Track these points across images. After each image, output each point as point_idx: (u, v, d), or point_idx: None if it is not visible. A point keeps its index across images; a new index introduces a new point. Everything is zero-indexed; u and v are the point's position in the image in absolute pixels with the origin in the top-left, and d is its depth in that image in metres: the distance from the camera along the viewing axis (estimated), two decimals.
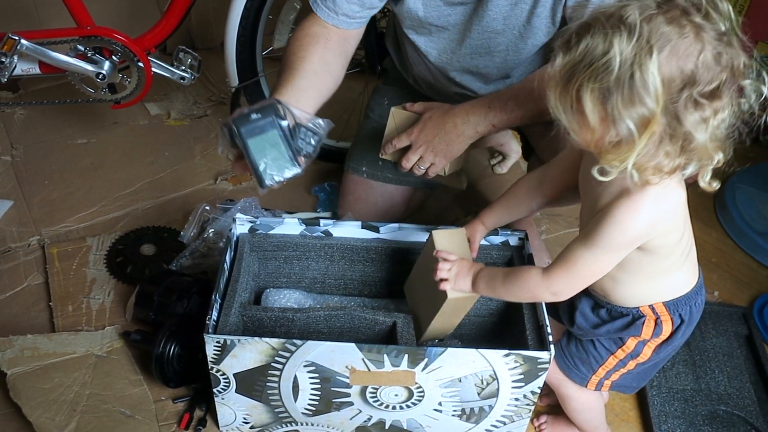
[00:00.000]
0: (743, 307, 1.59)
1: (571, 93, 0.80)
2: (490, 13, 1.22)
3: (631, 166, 0.80)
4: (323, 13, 1.25)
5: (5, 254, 1.64)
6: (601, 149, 0.82)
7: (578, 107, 0.80)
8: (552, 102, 0.83)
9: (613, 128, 0.79)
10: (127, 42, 1.69)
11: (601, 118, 0.79)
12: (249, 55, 1.75)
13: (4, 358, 1.36)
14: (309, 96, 1.17)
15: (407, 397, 1.17)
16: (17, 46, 1.64)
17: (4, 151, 1.96)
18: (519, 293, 1.02)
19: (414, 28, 1.32)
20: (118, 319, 1.49)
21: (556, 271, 0.95)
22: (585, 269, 0.93)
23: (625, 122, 0.77)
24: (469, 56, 1.32)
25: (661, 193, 0.85)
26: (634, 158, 0.79)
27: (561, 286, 0.96)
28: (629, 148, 0.79)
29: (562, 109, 0.82)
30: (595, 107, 0.78)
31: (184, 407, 1.32)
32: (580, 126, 0.82)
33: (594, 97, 0.78)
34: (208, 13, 2.32)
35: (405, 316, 1.23)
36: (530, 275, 0.98)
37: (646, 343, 1.06)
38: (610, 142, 0.80)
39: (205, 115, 2.15)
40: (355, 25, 1.28)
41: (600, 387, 1.14)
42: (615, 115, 0.77)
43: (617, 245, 0.89)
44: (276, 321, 1.23)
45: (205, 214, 1.72)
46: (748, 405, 1.38)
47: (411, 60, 1.43)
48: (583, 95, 0.78)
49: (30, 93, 2.19)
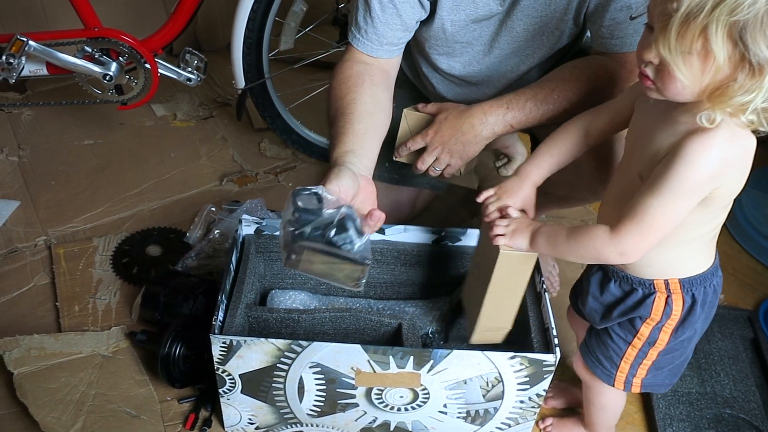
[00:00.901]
0: (749, 310, 1.59)
1: (694, 31, 0.75)
2: (519, 23, 1.20)
3: (761, 103, 0.76)
4: (365, 47, 1.22)
5: (12, 254, 1.65)
6: (717, 93, 0.78)
7: (704, 48, 0.76)
8: (667, 46, 0.77)
9: (744, 63, 0.75)
10: (134, 43, 1.70)
11: (731, 53, 0.75)
12: (255, 57, 1.76)
13: (11, 357, 1.36)
14: (370, 138, 1.13)
15: (412, 399, 1.17)
16: (25, 47, 1.64)
17: (11, 152, 1.97)
18: (583, 252, 0.95)
19: (437, 48, 1.30)
20: (124, 319, 1.49)
21: (624, 227, 0.89)
22: (657, 220, 0.87)
23: (761, 50, 0.73)
24: (496, 65, 1.30)
25: (734, 132, 0.81)
26: (763, 97, 0.76)
27: (631, 244, 0.90)
28: (759, 86, 0.75)
29: (678, 54, 0.77)
30: (725, 45, 0.75)
31: (190, 408, 1.32)
32: (701, 69, 0.78)
33: (725, 33, 0.74)
34: (215, 15, 2.33)
35: (410, 318, 1.23)
36: (597, 233, 0.92)
37: (661, 328, 1.03)
38: (737, 82, 0.76)
39: (211, 117, 2.16)
40: (397, 53, 1.25)
41: (630, 386, 1.11)
42: (749, 44, 0.74)
43: (689, 188, 0.84)
44: (281, 322, 1.23)
45: (211, 215, 1.72)
46: (753, 408, 1.37)
47: (426, 74, 1.42)
48: (711, 33, 0.74)
49: (37, 94, 2.20)
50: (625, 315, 1.05)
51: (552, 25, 1.21)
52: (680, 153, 0.83)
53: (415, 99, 1.51)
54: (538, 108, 1.17)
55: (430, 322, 1.32)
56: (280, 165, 1.99)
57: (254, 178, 1.93)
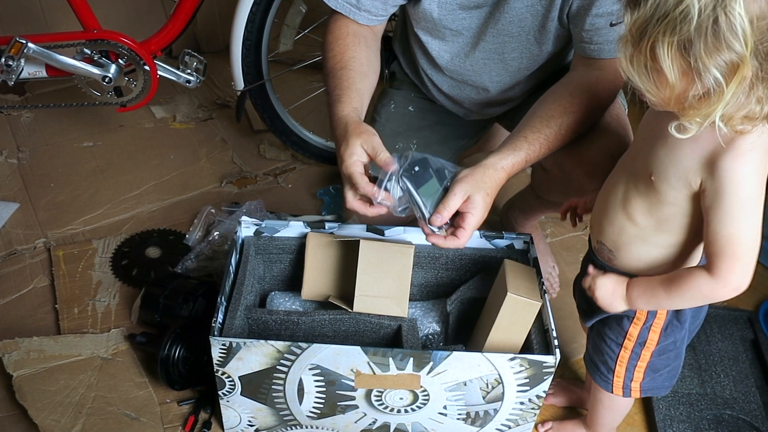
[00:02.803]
0: (749, 311, 1.59)
1: (645, 52, 0.76)
2: (506, 16, 1.22)
3: (719, 118, 0.76)
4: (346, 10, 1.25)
5: (11, 256, 1.65)
6: (683, 105, 0.79)
7: (654, 65, 0.77)
8: (623, 65, 0.80)
9: (697, 81, 0.75)
10: (134, 45, 1.70)
11: (682, 73, 0.76)
12: (254, 58, 1.75)
13: (10, 360, 1.36)
14: (367, 98, 1.20)
15: (412, 401, 1.17)
16: (24, 49, 1.64)
17: (10, 154, 1.97)
18: (693, 302, 0.95)
19: (428, 31, 1.32)
20: (124, 321, 1.49)
21: (724, 267, 0.86)
22: (748, 244, 0.85)
23: (711, 72, 0.73)
24: (482, 61, 1.31)
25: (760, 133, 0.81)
26: (722, 109, 0.76)
27: (737, 277, 0.87)
28: (717, 99, 0.75)
29: (636, 72, 0.79)
30: (674, 62, 0.75)
31: (189, 410, 1.32)
32: (658, 85, 0.79)
33: (672, 51, 0.74)
34: (214, 17, 2.32)
35: (410, 320, 1.23)
36: (698, 281, 0.89)
37: (650, 328, 1.04)
38: (695, 96, 0.77)
39: (210, 119, 2.16)
40: (376, 22, 1.29)
41: (629, 391, 1.12)
42: (699, 67, 0.73)
43: (753, 198, 0.83)
44: (281, 324, 1.23)
45: (211, 216, 1.72)
46: (753, 409, 1.37)
47: (421, 65, 1.43)
48: (658, 52, 0.75)
49: (36, 96, 2.20)
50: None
51: (537, 23, 1.22)
52: (725, 177, 0.82)
53: (416, 99, 1.52)
54: (550, 149, 1.17)
55: (430, 323, 1.32)
56: (279, 166, 1.99)
57: (253, 180, 1.93)
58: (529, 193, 1.58)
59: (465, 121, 1.52)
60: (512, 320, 1.17)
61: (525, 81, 1.35)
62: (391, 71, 1.59)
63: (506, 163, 1.12)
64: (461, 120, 1.51)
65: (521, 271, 1.21)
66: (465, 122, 1.52)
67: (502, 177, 1.12)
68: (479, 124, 1.55)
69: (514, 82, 1.35)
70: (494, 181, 1.11)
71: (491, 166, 1.11)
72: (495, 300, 1.21)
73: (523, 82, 1.35)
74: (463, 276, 1.35)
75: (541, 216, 1.67)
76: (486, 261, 1.33)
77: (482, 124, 1.56)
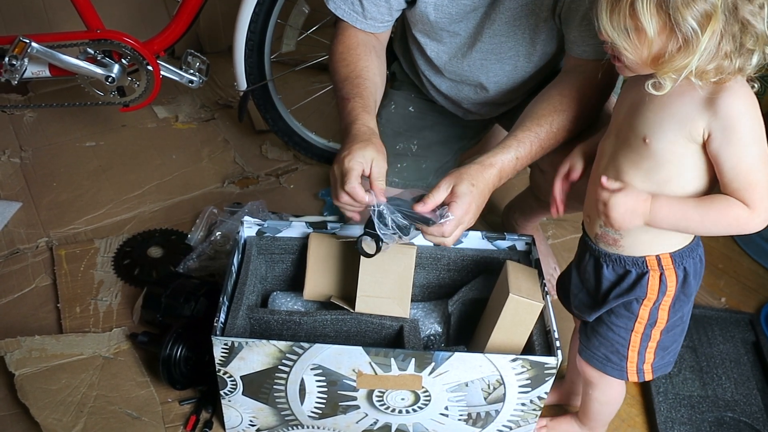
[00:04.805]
0: (750, 313, 1.59)
1: (624, 10, 0.82)
2: (501, 16, 1.23)
3: (695, 69, 0.82)
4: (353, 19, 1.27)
5: (14, 256, 1.65)
6: (660, 62, 0.84)
7: (633, 23, 0.82)
8: (603, 24, 0.85)
9: (675, 33, 0.81)
10: (137, 45, 1.70)
11: (660, 27, 0.81)
12: (257, 59, 1.76)
13: (12, 359, 1.36)
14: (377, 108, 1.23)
15: (414, 401, 1.17)
16: (28, 49, 1.65)
17: (13, 153, 1.97)
18: (724, 228, 0.92)
19: (425, 33, 1.33)
20: (126, 321, 1.49)
21: (755, 197, 0.88)
22: (766, 170, 0.88)
23: (688, 22, 0.79)
24: (479, 61, 1.32)
25: (740, 81, 0.86)
26: (697, 60, 0.81)
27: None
28: (692, 50, 0.81)
29: (615, 31, 0.84)
30: (653, 17, 0.81)
31: (191, 409, 1.32)
32: (638, 43, 0.84)
33: (651, 6, 0.80)
34: (217, 17, 2.33)
35: (411, 321, 1.23)
36: (735, 211, 0.90)
37: (659, 307, 1.04)
38: (671, 50, 0.83)
39: (212, 119, 2.16)
40: (382, 29, 1.31)
41: (642, 375, 1.12)
42: (677, 18, 0.79)
43: (757, 126, 0.87)
44: (283, 324, 1.23)
45: (213, 216, 1.73)
46: (755, 412, 1.37)
47: (419, 67, 1.43)
48: (638, 7, 0.80)
49: (39, 95, 2.20)
50: (621, 297, 1.05)
51: (531, 23, 1.23)
52: (730, 112, 0.85)
53: (416, 99, 1.52)
54: (543, 148, 1.19)
55: (432, 324, 1.32)
56: (281, 167, 1.99)
57: (255, 180, 1.93)
58: (528, 195, 1.58)
59: (465, 121, 1.52)
60: (514, 321, 1.17)
61: (523, 80, 1.35)
62: (392, 72, 1.59)
63: (494, 160, 1.14)
64: (462, 121, 1.52)
65: (523, 273, 1.22)
66: (465, 123, 1.53)
67: (491, 172, 1.14)
68: (480, 125, 1.56)
69: (512, 81, 1.35)
70: (481, 175, 1.12)
71: (478, 162, 1.14)
72: (497, 301, 1.21)
73: (522, 81, 1.35)
74: (465, 277, 1.35)
75: (542, 218, 1.68)
76: (488, 262, 1.33)
77: (482, 124, 1.56)
